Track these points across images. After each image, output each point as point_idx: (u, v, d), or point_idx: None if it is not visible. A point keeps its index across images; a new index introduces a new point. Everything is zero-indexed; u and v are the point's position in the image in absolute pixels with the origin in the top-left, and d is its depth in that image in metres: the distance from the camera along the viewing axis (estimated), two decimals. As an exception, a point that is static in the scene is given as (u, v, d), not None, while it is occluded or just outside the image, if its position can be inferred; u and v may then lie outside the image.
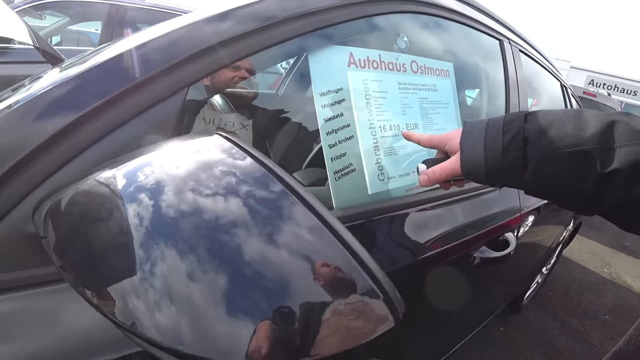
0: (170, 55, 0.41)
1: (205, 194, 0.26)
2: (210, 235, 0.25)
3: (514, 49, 1.07)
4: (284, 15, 0.49)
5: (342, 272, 0.26)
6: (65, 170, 0.35)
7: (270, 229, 0.26)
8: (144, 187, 0.26)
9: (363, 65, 0.57)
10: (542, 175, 0.37)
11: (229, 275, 0.24)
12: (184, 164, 0.27)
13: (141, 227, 0.25)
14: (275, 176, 0.28)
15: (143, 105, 0.39)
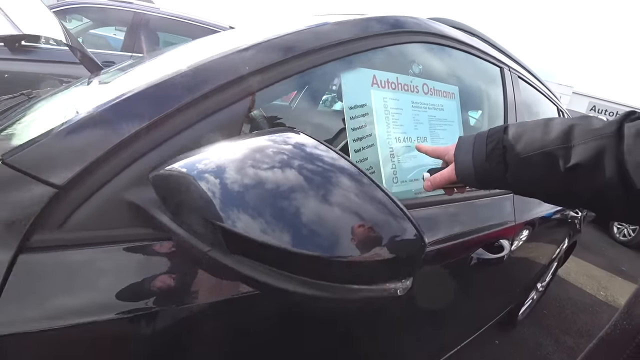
0: (236, 70, 0.53)
1: (278, 169, 0.37)
2: (293, 190, 0.36)
3: (513, 76, 1.19)
4: (323, 43, 0.60)
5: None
6: (159, 150, 0.46)
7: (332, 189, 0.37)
8: (259, 164, 0.37)
9: (384, 86, 0.68)
10: (520, 175, 0.44)
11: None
12: (273, 150, 0.38)
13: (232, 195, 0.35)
14: (340, 156, 0.40)
15: (214, 107, 0.50)
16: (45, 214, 0.40)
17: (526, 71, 1.42)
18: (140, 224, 0.44)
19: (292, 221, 0.34)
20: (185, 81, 0.50)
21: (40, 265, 0.40)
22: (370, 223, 0.36)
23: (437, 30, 0.87)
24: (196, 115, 0.49)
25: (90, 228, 0.43)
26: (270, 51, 0.56)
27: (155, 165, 0.44)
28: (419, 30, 0.80)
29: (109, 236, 0.44)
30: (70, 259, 0.42)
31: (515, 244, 1.12)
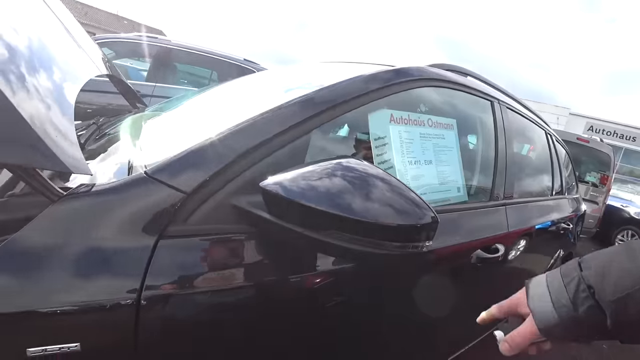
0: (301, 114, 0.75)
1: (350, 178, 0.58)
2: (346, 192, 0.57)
3: (502, 107, 1.42)
4: (356, 93, 0.83)
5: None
6: (253, 169, 0.67)
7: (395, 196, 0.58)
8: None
9: (398, 122, 0.90)
10: (626, 318, 0.36)
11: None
12: (336, 170, 0.60)
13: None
14: (382, 170, 0.62)
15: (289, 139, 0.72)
16: (177, 212, 0.61)
17: (515, 102, 1.65)
18: (241, 221, 0.65)
19: (357, 204, 0.55)
20: (271, 119, 0.72)
21: (173, 247, 0.61)
22: (407, 207, 0.58)
23: (437, 75, 1.10)
24: (278, 144, 0.71)
25: (206, 223, 0.63)
26: (319, 102, 0.78)
27: (253, 181, 0.65)
28: (422, 77, 1.03)
29: (218, 229, 0.65)
30: (191, 245, 0.62)
31: (510, 251, 1.30)
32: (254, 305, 0.67)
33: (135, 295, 0.55)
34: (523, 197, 1.54)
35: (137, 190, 0.62)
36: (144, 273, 0.57)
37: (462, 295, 1.18)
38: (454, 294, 1.13)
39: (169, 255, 0.60)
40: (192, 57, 4.36)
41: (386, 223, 0.56)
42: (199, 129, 0.84)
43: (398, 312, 0.95)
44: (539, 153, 1.90)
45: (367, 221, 0.55)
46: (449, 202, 1.01)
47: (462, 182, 1.08)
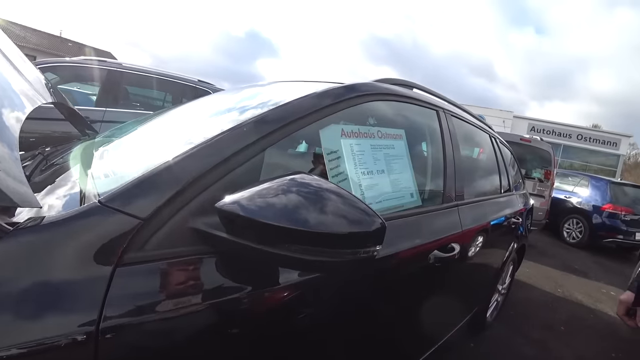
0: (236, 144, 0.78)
1: (304, 193, 0.61)
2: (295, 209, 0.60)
3: (447, 115, 1.53)
4: (308, 111, 0.87)
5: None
6: (209, 191, 0.68)
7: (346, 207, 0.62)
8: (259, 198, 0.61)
9: (349, 135, 0.95)
10: None
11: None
12: (291, 185, 0.63)
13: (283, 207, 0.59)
14: (332, 183, 0.65)
15: (242, 160, 0.74)
16: (134, 239, 0.61)
17: (460, 109, 1.80)
18: (200, 243, 0.65)
19: (311, 217, 0.59)
20: (225, 140, 0.74)
21: (131, 275, 0.60)
22: (357, 216, 0.62)
23: (384, 89, 1.18)
24: (233, 164, 0.72)
25: (165, 247, 0.64)
26: (272, 121, 0.82)
27: (210, 202, 0.67)
28: (370, 92, 1.10)
29: (177, 252, 0.65)
30: (150, 271, 0.62)
31: (465, 248, 1.40)
32: (219, 327, 0.68)
33: (93, 329, 0.54)
34: (474, 197, 1.66)
35: (91, 219, 0.61)
36: (102, 305, 0.56)
37: (424, 294, 1.24)
38: (416, 295, 1.19)
39: (128, 284, 0.59)
40: (144, 80, 4.24)
41: (339, 232, 0.59)
42: (152, 154, 0.84)
43: (363, 317, 0.98)
44: (485, 155, 2.06)
45: (322, 232, 0.58)
46: (403, 207, 1.07)
47: (415, 188, 1.15)
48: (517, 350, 2.30)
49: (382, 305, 1.03)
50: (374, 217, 0.63)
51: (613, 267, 5.06)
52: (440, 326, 1.56)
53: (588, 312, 3.20)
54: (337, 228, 0.59)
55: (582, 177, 6.67)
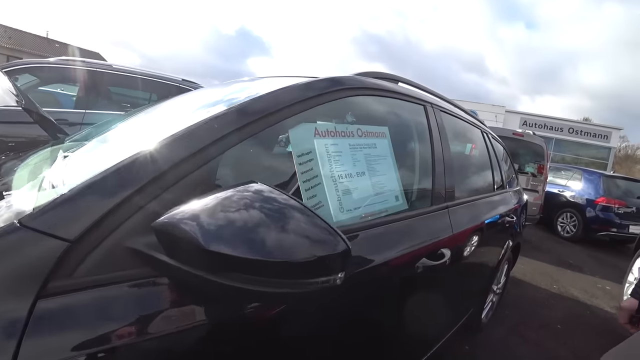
0: (207, 137, 0.67)
1: (244, 209, 0.51)
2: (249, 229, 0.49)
3: (436, 110, 1.44)
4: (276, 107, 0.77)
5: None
6: (150, 206, 0.57)
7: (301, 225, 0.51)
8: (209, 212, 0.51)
9: (324, 135, 0.85)
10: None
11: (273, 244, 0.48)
12: (238, 195, 0.52)
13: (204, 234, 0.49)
14: (289, 196, 0.54)
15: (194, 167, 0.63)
16: (60, 265, 0.50)
17: (449, 104, 1.70)
18: (140, 266, 0.55)
19: (260, 241, 0.48)
20: (171, 147, 0.64)
21: (57, 306, 0.50)
22: (315, 239, 0.51)
23: (364, 83, 1.08)
24: (180, 174, 0.62)
25: (98, 272, 0.53)
26: (227, 123, 0.71)
27: (150, 218, 0.56)
28: (348, 87, 1.00)
29: (113, 277, 0.54)
30: (80, 300, 0.52)
31: (458, 252, 1.31)
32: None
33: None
34: (466, 197, 1.57)
35: (7, 244, 0.51)
36: (17, 345, 0.46)
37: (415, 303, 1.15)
38: (405, 304, 1.09)
39: (51, 318, 0.49)
40: (127, 80, 4.11)
41: (291, 260, 0.49)
42: (94, 163, 0.73)
43: (350, 332, 0.89)
44: (477, 152, 1.97)
45: (270, 260, 0.48)
46: (387, 212, 0.98)
47: (400, 190, 1.05)
48: (513, 352, 2.23)
49: (371, 317, 0.94)
50: (336, 239, 0.53)
51: (607, 261, 5.04)
52: (433, 333, 1.47)
53: (584, 309, 3.15)
54: (289, 254, 0.49)
55: (575, 170, 6.66)
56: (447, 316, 1.56)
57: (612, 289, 3.75)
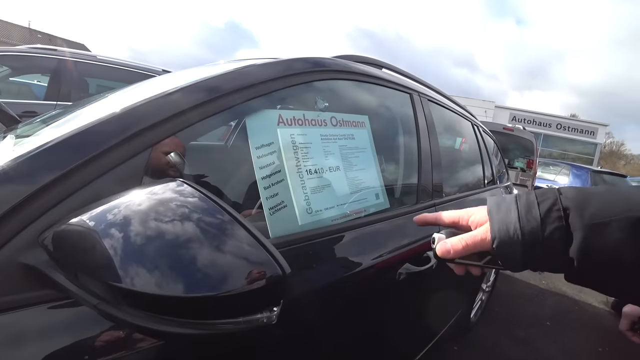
0: (135, 124, 0.54)
1: (164, 222, 0.38)
2: (171, 250, 0.37)
3: (423, 100, 1.32)
4: (226, 89, 0.64)
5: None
6: (52, 212, 0.44)
7: (217, 242, 0.38)
8: (113, 223, 0.38)
9: (290, 123, 0.73)
10: (590, 247, 0.32)
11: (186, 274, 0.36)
12: (146, 202, 0.39)
13: (117, 252, 0.36)
14: (221, 207, 0.41)
15: (113, 163, 0.50)
16: None
17: (438, 94, 1.59)
18: (35, 286, 0.42)
19: (164, 269, 0.35)
20: (76, 141, 0.50)
21: None
22: (238, 261, 0.38)
23: (342, 66, 0.95)
24: (95, 172, 0.49)
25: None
26: (170, 99, 0.58)
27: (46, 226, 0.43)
28: (322, 69, 0.87)
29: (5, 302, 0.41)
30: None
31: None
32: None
33: None
34: (454, 193, 1.47)
35: None
36: None
37: (401, 309, 1.04)
38: (391, 311, 0.98)
39: None
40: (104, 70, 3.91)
41: (207, 294, 0.36)
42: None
43: (327, 347, 0.77)
44: (467, 145, 1.87)
45: (181, 297, 0.36)
46: (365, 212, 0.86)
47: (382, 187, 0.93)
48: (503, 352, 2.17)
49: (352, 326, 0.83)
50: (270, 264, 0.40)
51: (595, 255, 5.06)
52: (421, 337, 1.37)
53: (572, 304, 3.11)
54: (203, 287, 0.36)
55: (563, 165, 6.67)
56: (435, 320, 1.46)
57: (600, 284, 3.74)
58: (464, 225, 0.42)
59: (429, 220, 0.46)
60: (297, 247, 0.65)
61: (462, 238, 0.39)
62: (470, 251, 0.38)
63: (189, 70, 1.00)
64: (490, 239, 0.37)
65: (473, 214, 0.41)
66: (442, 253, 0.39)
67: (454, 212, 0.43)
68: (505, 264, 0.37)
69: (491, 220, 0.37)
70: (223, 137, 1.66)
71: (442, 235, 0.41)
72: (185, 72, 0.96)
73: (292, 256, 0.63)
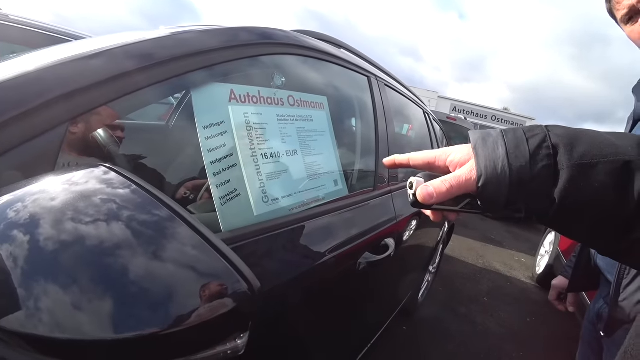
0: (46, 91, 0.41)
1: (85, 222, 0.28)
2: (93, 260, 0.27)
3: (380, 84, 1.29)
4: (165, 55, 0.53)
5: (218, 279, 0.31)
6: None
7: (154, 248, 0.30)
8: (15, 223, 0.27)
9: (243, 101, 0.64)
10: (578, 187, 0.31)
11: (115, 297, 0.27)
12: (62, 195, 0.29)
13: (17, 265, 0.25)
14: (159, 201, 0.32)
15: (12, 142, 0.38)
16: None
17: (392, 79, 1.57)
18: None
19: (85, 295, 0.26)
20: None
21: None
22: (187, 279, 0.30)
23: (303, 42, 0.87)
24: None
25: None
26: (92, 64, 0.46)
27: None
28: (284, 42, 0.79)
29: None
30: None
31: (401, 239, 1.21)
32: None
33: None
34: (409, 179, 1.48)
35: None
36: None
37: (357, 296, 1.02)
38: (348, 299, 0.95)
39: None
40: (19, 34, 3.32)
41: (146, 333, 0.27)
42: None
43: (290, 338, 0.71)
44: (418, 131, 1.90)
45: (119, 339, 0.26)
46: (324, 200, 0.80)
47: (340, 173, 0.89)
48: (447, 328, 2.32)
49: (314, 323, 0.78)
50: (229, 276, 0.32)
51: (522, 235, 5.64)
52: (375, 322, 1.38)
53: (505, 280, 3.43)
54: (140, 323, 0.27)
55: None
56: (389, 304, 1.49)
57: (527, 261, 4.17)
58: (441, 166, 0.38)
59: (400, 162, 0.41)
60: (253, 241, 0.58)
61: (445, 180, 0.34)
62: (454, 194, 0.35)
63: (119, 34, 0.85)
64: (475, 178, 0.33)
65: (451, 153, 0.37)
66: (423, 198, 0.35)
67: (428, 153, 0.39)
68: (485, 206, 0.34)
69: (477, 157, 0.34)
70: (164, 116, 1.49)
71: (420, 179, 0.36)
72: (114, 36, 0.81)
73: (249, 253, 0.56)
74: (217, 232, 0.54)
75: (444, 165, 0.37)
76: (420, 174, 0.37)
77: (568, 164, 0.31)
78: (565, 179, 0.31)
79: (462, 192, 0.34)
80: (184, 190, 0.67)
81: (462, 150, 0.36)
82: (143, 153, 0.86)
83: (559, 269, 1.92)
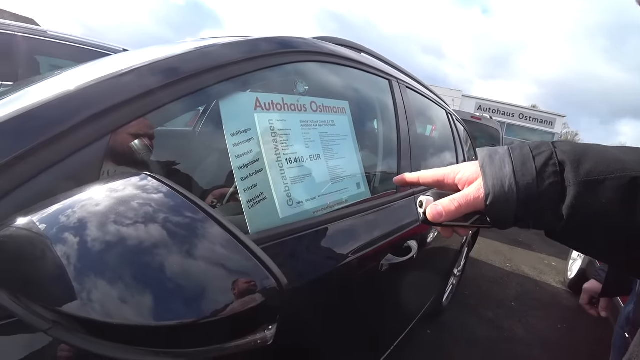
0: (95, 105, 0.46)
1: (126, 224, 0.31)
2: (134, 259, 0.30)
3: (402, 86, 1.30)
4: (196, 69, 0.57)
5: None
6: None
7: (189, 247, 0.33)
8: (67, 227, 0.31)
9: (268, 108, 0.67)
10: (585, 203, 0.31)
11: (154, 293, 0.30)
12: (106, 201, 0.33)
13: (70, 263, 0.29)
14: (194, 204, 0.35)
15: (63, 153, 0.42)
16: None
17: (414, 81, 1.57)
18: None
19: (127, 288, 0.29)
20: (15, 125, 0.42)
21: None
22: (220, 275, 0.33)
23: (323, 49, 0.90)
24: (40, 164, 0.41)
25: None
26: (132, 79, 0.50)
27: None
28: (303, 50, 0.81)
29: None
30: None
31: (424, 241, 1.20)
32: None
33: None
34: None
35: None
36: None
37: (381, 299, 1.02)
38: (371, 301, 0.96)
39: None
40: (58, 48, 3.55)
41: (186, 321, 0.31)
42: None
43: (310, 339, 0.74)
44: (441, 132, 1.88)
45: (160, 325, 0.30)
46: (347, 203, 0.82)
47: (363, 176, 0.90)
48: (472, 333, 2.27)
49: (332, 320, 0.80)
50: (260, 273, 0.35)
51: (552, 238, 5.40)
52: (398, 324, 1.38)
53: (534, 285, 3.31)
54: (178, 312, 0.30)
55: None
56: (413, 306, 1.48)
57: (558, 265, 4.00)
58: (450, 184, 0.38)
59: (409, 181, 0.42)
60: (279, 242, 0.60)
61: (453, 199, 0.35)
62: (463, 212, 0.35)
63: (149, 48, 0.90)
64: (483, 196, 0.34)
65: (460, 171, 0.37)
66: (433, 217, 0.35)
67: (437, 171, 0.40)
68: (495, 222, 0.34)
69: (484, 175, 0.35)
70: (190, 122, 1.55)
71: (429, 197, 0.37)
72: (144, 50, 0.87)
73: (275, 253, 0.58)
74: (245, 234, 0.57)
75: (453, 183, 0.38)
76: (429, 192, 0.38)
77: (575, 181, 0.31)
78: (573, 195, 0.31)
79: (470, 210, 0.35)
80: (212, 199, 0.70)
81: (470, 168, 0.37)
82: (173, 159, 0.91)
83: (592, 274, 1.84)
